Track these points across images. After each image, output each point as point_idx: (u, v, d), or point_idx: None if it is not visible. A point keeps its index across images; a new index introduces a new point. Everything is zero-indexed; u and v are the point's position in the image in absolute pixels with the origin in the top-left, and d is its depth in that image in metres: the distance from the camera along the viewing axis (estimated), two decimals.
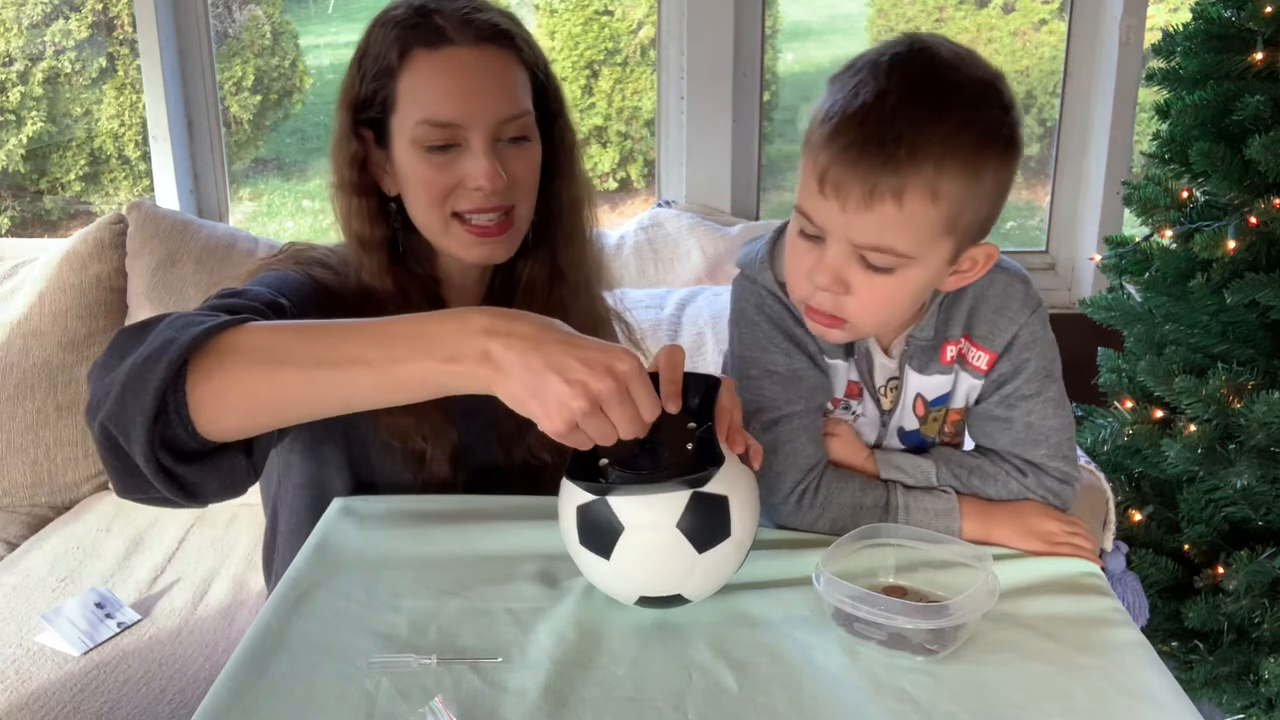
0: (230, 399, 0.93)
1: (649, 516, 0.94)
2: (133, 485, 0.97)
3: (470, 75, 1.15)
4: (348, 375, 0.91)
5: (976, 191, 0.99)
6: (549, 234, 1.28)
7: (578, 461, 0.94)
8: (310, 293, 1.17)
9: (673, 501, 0.93)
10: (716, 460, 0.91)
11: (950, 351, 1.15)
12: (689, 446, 0.93)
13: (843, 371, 1.16)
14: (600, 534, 0.95)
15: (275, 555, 1.36)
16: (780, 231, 1.13)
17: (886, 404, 1.17)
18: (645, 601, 0.99)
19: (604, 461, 0.93)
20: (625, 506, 0.94)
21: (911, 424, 1.18)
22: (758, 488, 1.01)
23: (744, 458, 0.99)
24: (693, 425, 0.94)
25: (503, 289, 1.30)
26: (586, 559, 0.97)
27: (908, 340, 1.14)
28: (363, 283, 1.22)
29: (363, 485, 1.24)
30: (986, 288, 1.14)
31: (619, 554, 0.95)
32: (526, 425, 1.19)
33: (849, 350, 1.15)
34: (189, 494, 0.96)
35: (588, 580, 1.01)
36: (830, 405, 1.18)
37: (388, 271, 1.21)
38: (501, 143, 1.17)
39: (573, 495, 0.96)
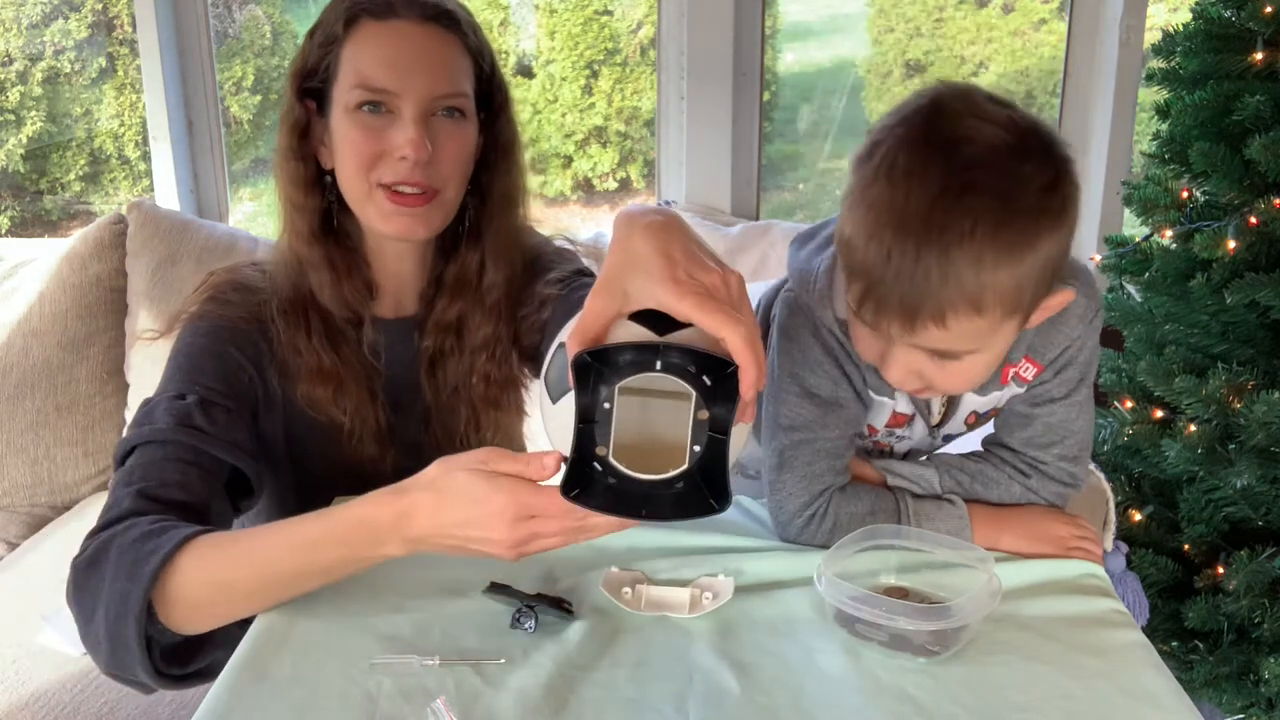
0: (201, 615, 1.02)
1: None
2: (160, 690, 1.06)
3: (410, 48, 1.17)
4: (295, 585, 1.01)
5: (1031, 268, 0.93)
6: (481, 229, 1.28)
7: (575, 442, 0.84)
8: (217, 351, 1.18)
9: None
10: (720, 500, 0.84)
11: (1010, 372, 1.12)
12: (696, 449, 0.83)
13: (889, 405, 1.14)
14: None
15: None
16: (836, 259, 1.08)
17: (935, 419, 1.16)
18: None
19: (601, 450, 0.83)
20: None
21: (960, 431, 1.19)
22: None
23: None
24: (705, 414, 0.83)
25: (436, 285, 1.30)
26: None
27: None
28: (294, 256, 1.22)
29: (305, 473, 1.27)
30: None
31: None
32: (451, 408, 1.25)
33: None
34: (212, 675, 1.01)
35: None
36: (866, 431, 1.17)
37: (317, 240, 1.22)
38: (436, 117, 1.18)
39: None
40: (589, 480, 0.84)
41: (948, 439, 1.21)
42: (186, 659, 1.04)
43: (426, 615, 1.00)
